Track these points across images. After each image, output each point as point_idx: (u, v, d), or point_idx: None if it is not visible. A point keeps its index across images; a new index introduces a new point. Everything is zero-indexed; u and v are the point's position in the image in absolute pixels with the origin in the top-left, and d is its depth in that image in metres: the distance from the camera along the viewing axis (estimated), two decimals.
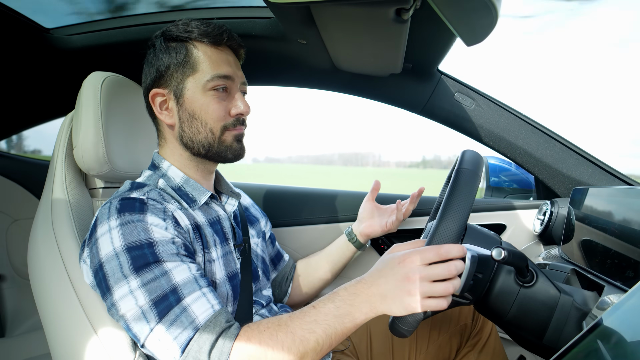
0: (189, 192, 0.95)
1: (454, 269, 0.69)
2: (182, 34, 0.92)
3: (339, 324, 0.73)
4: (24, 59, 1.45)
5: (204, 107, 0.92)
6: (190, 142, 0.94)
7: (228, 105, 0.94)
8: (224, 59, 0.94)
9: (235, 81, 0.95)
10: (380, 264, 0.75)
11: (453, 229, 0.72)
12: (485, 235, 0.89)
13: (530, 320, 0.79)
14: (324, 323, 0.73)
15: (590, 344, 0.50)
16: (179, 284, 0.77)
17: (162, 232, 0.81)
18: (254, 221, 1.18)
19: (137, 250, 0.77)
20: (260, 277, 1.07)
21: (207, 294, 0.79)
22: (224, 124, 0.93)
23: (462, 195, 0.73)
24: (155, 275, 0.76)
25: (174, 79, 0.92)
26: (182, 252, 0.81)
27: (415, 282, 0.68)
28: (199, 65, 0.91)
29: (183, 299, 0.76)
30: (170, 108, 0.94)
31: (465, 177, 0.76)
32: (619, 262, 0.84)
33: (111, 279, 0.77)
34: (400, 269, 0.70)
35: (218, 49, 0.93)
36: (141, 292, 0.75)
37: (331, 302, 0.74)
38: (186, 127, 0.93)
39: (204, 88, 0.91)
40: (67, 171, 1.02)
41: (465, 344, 1.16)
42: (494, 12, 0.73)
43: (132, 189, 0.89)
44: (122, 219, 0.80)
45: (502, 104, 1.38)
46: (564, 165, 1.35)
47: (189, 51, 0.92)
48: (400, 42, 0.98)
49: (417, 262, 0.69)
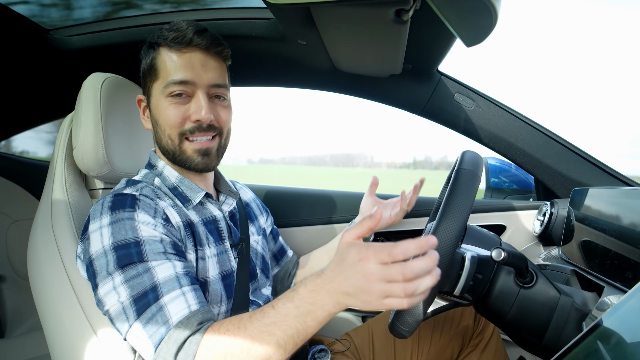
0: (184, 192, 0.95)
1: (410, 272, 0.62)
2: (154, 39, 0.92)
3: (300, 323, 0.69)
4: (24, 60, 1.45)
5: (162, 113, 0.92)
6: (161, 148, 0.96)
7: (187, 110, 0.92)
8: (187, 62, 0.90)
9: (198, 84, 0.91)
10: (340, 257, 0.68)
11: (453, 229, 0.72)
12: (485, 236, 0.90)
13: (530, 321, 0.79)
14: (283, 324, 0.70)
15: (590, 344, 0.50)
16: (159, 282, 0.77)
17: (150, 230, 0.81)
18: (254, 218, 1.18)
19: (124, 249, 0.78)
20: (259, 275, 1.07)
21: (187, 293, 0.79)
22: (181, 130, 0.92)
23: (462, 196, 0.73)
24: (138, 271, 0.77)
25: (147, 86, 0.95)
26: (168, 251, 0.82)
27: (372, 283, 0.64)
28: (160, 72, 0.91)
29: (161, 298, 0.76)
30: (147, 114, 0.97)
31: (465, 178, 0.76)
32: (618, 263, 0.84)
33: (98, 276, 0.78)
34: (359, 266, 0.65)
35: (182, 52, 0.90)
36: (124, 288, 0.76)
37: (290, 302, 0.70)
38: (155, 132, 0.95)
39: (163, 94, 0.91)
40: (67, 172, 1.02)
41: (467, 345, 1.16)
42: (494, 13, 0.73)
43: (126, 186, 0.91)
44: (112, 217, 0.81)
45: (502, 104, 1.38)
46: (564, 166, 1.35)
47: (154, 57, 0.92)
48: (400, 43, 0.98)
49: (372, 262, 0.64)
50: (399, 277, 0.62)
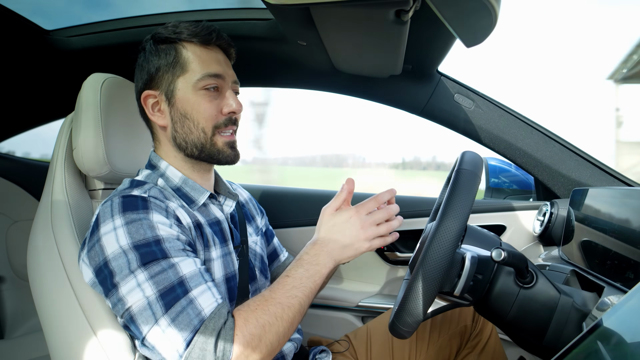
0: (188, 193, 0.95)
1: (393, 210, 0.92)
2: (171, 36, 0.92)
3: (312, 282, 0.84)
4: (24, 61, 1.45)
5: (195, 106, 0.92)
6: (184, 143, 0.94)
7: (220, 104, 0.94)
8: (214, 58, 0.94)
9: (226, 80, 0.95)
10: (330, 222, 0.91)
11: (453, 230, 0.72)
12: (485, 236, 0.89)
13: (530, 321, 0.78)
14: (301, 286, 0.83)
15: (590, 345, 0.50)
16: (186, 276, 0.77)
17: (168, 229, 0.81)
18: (251, 219, 1.18)
19: (145, 248, 0.77)
20: (258, 277, 1.07)
21: (212, 288, 0.80)
22: (215, 123, 0.94)
23: (461, 197, 0.73)
24: (163, 267, 0.77)
25: (165, 80, 0.93)
26: (187, 248, 0.82)
27: (368, 228, 0.89)
28: (189, 65, 0.91)
29: (190, 291, 0.76)
30: (162, 109, 0.95)
31: (465, 178, 0.76)
32: (618, 263, 0.84)
33: (117, 276, 0.77)
34: (354, 220, 0.89)
35: (207, 49, 0.94)
36: (149, 284, 0.75)
37: (300, 267, 0.85)
38: (179, 127, 0.93)
39: (195, 87, 0.91)
40: (67, 172, 1.02)
41: (465, 345, 1.15)
42: (494, 14, 0.73)
43: (132, 187, 0.89)
44: (126, 218, 0.80)
45: (502, 105, 1.38)
46: (564, 166, 1.35)
47: (179, 52, 0.92)
48: (400, 43, 0.98)
49: (364, 213, 0.90)
50: (386, 216, 0.91)
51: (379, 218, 0.90)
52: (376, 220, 0.90)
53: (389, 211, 0.91)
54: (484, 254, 0.81)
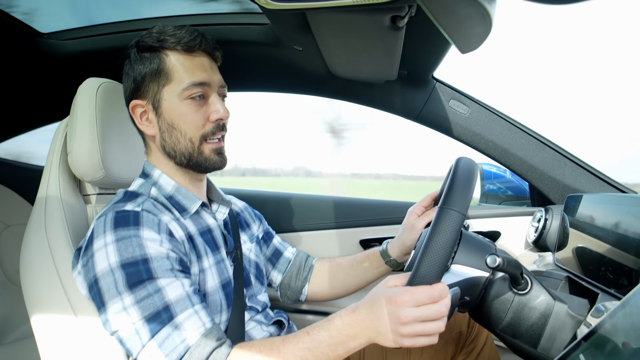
0: (181, 201, 0.95)
1: (445, 309, 0.69)
2: (155, 44, 0.91)
3: (332, 351, 0.73)
4: (19, 64, 1.44)
5: (182, 116, 0.91)
6: (173, 152, 0.94)
7: (207, 111, 0.93)
8: (199, 64, 0.92)
9: (212, 86, 0.94)
10: (373, 298, 0.73)
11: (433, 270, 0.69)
12: (480, 242, 0.89)
13: (524, 327, 0.78)
14: (316, 351, 0.73)
15: (584, 351, 0.50)
16: (172, 301, 0.77)
17: (157, 247, 0.80)
18: (246, 226, 1.18)
19: (132, 267, 0.77)
20: (253, 282, 1.07)
21: (200, 311, 0.79)
22: (203, 132, 0.93)
23: (442, 236, 0.69)
24: (149, 292, 0.76)
25: (151, 90, 0.92)
26: (176, 267, 0.81)
27: (408, 325, 0.69)
28: (173, 75, 0.91)
29: (175, 317, 0.76)
30: (150, 119, 0.94)
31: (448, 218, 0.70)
32: (613, 269, 0.84)
33: (106, 295, 0.77)
34: (393, 309, 0.69)
35: (192, 55, 0.92)
36: (134, 309, 0.75)
37: (325, 331, 0.74)
38: (167, 137, 0.93)
39: (181, 97, 0.91)
40: (61, 177, 1.01)
41: (460, 351, 1.15)
42: (489, 21, 0.74)
43: (125, 200, 0.89)
44: (117, 234, 0.79)
45: (497, 110, 1.39)
46: (558, 172, 1.35)
47: (162, 60, 0.91)
48: (395, 49, 0.99)
49: (409, 304, 0.69)
50: (438, 315, 0.68)
51: (428, 315, 0.69)
52: (424, 316, 0.69)
53: (440, 310, 0.69)
54: (471, 275, 0.81)
